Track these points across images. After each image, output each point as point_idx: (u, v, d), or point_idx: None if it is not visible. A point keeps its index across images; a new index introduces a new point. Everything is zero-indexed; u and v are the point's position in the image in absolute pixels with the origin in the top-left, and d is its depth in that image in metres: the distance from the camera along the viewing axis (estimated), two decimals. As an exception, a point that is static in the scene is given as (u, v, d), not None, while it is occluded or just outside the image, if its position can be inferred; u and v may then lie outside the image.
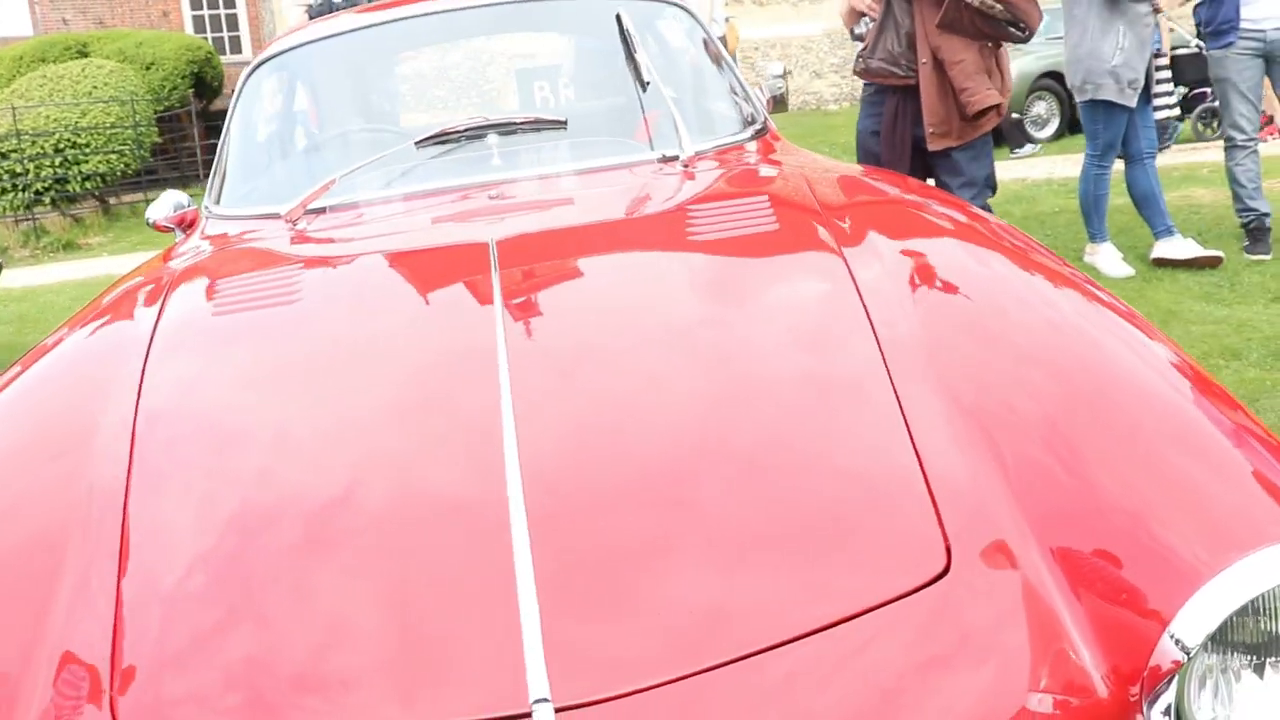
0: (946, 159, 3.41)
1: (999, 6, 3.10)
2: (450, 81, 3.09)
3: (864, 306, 1.44)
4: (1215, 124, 8.18)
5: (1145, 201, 5.01)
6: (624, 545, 1.06)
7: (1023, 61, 9.76)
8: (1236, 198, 5.00)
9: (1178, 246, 4.96)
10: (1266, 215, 4.95)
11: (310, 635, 1.02)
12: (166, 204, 2.71)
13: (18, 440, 1.40)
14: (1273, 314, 4.28)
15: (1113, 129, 4.74)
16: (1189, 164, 7.55)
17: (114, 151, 12.86)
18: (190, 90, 16.74)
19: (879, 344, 1.35)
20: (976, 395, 1.25)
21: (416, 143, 2.19)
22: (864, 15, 3.38)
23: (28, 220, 12.04)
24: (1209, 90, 7.68)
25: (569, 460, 1.18)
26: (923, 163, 3.49)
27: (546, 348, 1.40)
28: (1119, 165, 5.01)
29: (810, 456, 1.19)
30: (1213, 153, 7.76)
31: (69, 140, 12.61)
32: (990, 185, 3.52)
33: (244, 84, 2.63)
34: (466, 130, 2.22)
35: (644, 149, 2.27)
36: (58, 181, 12.45)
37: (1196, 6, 4.90)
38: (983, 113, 3.24)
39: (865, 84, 3.54)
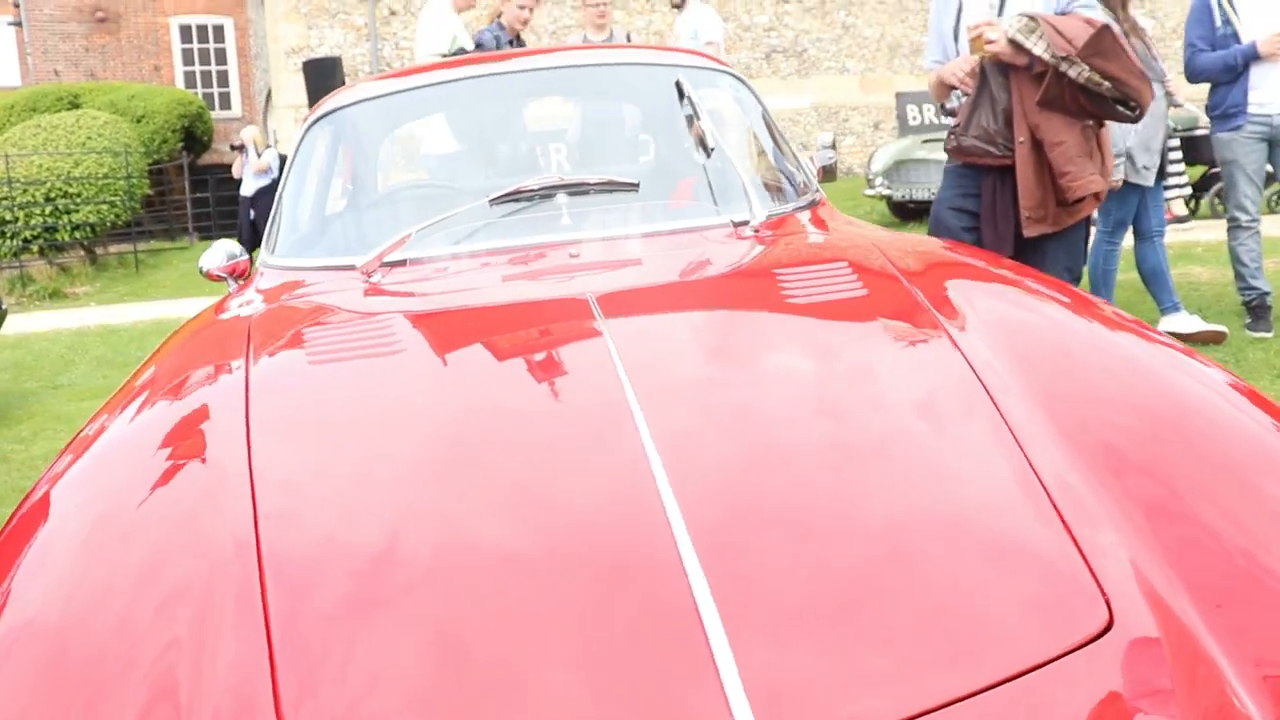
0: (1037, 247, 3.09)
1: (1107, 84, 2.79)
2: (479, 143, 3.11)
3: (970, 365, 1.47)
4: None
5: (1154, 278, 5.11)
6: (803, 592, 1.07)
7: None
8: (1239, 276, 5.12)
9: (1183, 322, 5.05)
10: (1268, 294, 5.06)
11: (504, 672, 1.01)
12: (219, 253, 2.71)
13: (142, 495, 1.37)
14: (1279, 390, 4.36)
15: (1125, 207, 4.86)
16: (1183, 243, 7.71)
17: (105, 202, 12.87)
18: (180, 145, 16.82)
19: (995, 404, 1.38)
20: (1099, 450, 1.29)
21: (490, 201, 2.21)
22: (954, 89, 3.12)
23: (15, 268, 11.98)
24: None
25: (728, 506, 1.19)
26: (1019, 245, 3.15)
27: (677, 397, 1.42)
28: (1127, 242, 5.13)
29: (962, 517, 1.21)
30: (1204, 232, 7.95)
31: (60, 189, 12.62)
32: (1075, 276, 3.23)
33: (303, 138, 2.65)
34: (540, 190, 2.23)
35: (713, 213, 2.30)
36: (47, 230, 12.41)
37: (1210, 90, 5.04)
38: (1081, 199, 2.95)
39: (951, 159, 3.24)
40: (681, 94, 2.55)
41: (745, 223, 2.23)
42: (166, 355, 1.97)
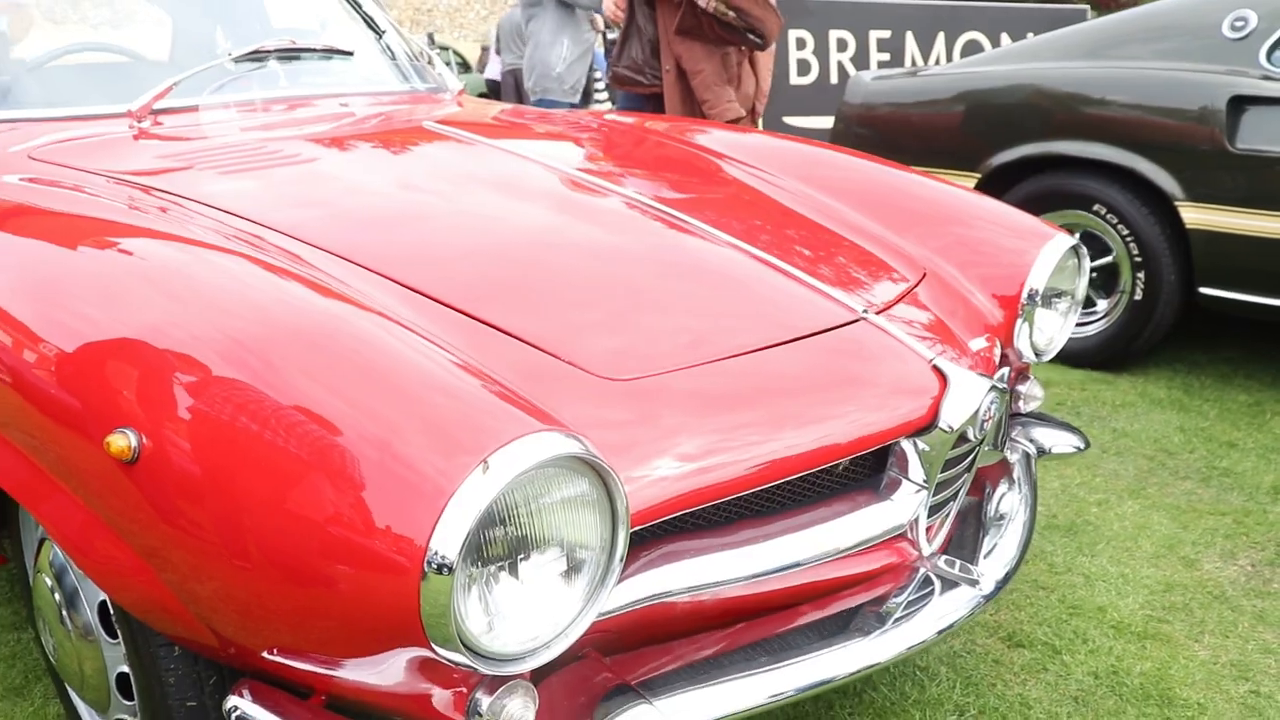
0: None
1: (733, 14, 3.04)
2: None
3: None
4: None
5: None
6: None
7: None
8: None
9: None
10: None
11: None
12: None
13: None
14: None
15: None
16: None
17: None
18: None
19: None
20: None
21: (234, 59, 2.39)
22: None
23: None
24: None
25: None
26: None
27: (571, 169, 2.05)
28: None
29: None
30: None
31: None
32: None
33: None
34: (276, 51, 2.46)
35: (417, 80, 2.75)
36: None
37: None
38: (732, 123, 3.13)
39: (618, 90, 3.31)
40: None
41: (447, 90, 2.74)
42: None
